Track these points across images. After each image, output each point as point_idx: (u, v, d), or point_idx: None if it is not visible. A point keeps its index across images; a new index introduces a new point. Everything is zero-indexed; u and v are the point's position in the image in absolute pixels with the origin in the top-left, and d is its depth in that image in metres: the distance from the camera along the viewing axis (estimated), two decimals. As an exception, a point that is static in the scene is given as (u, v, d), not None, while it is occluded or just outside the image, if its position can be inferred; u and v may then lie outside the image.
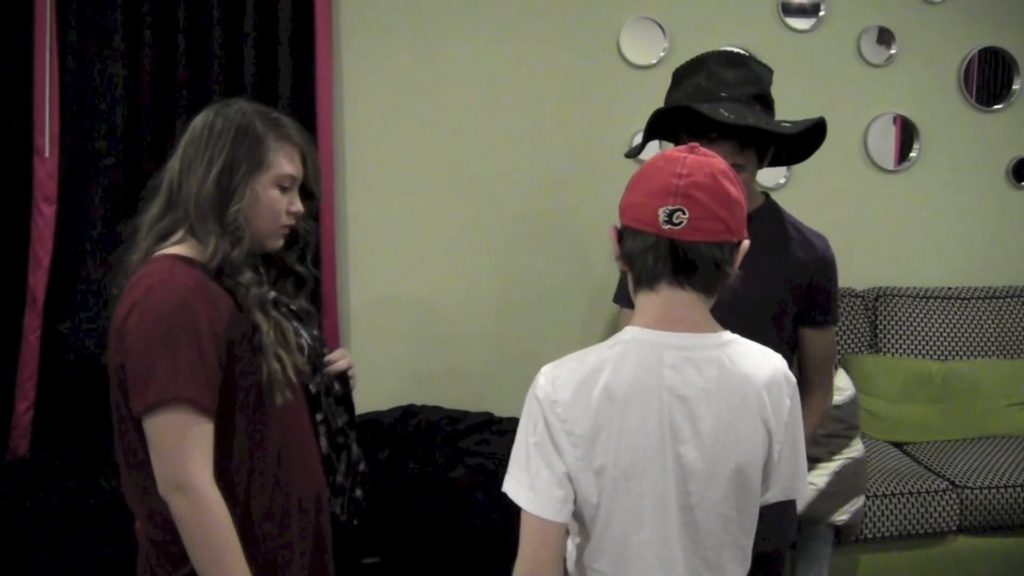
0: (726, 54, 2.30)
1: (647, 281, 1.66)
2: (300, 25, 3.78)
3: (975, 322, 4.39)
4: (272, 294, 2.08)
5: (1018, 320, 4.41)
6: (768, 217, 2.33)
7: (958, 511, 3.64)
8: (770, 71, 2.32)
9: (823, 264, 2.34)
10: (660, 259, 1.62)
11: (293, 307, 2.17)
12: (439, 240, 4.18)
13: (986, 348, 4.35)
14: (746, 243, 1.66)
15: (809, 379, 2.42)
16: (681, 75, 2.30)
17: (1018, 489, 3.67)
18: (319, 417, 2.21)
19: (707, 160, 1.62)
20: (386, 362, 4.14)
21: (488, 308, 4.26)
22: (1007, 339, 4.38)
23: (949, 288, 4.47)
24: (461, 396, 4.13)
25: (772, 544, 2.13)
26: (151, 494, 1.85)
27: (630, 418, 1.61)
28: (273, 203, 1.99)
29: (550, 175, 4.24)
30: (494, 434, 3.81)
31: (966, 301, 4.43)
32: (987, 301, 4.44)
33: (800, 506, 3.33)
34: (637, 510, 1.63)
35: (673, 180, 1.59)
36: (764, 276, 2.20)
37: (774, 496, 1.75)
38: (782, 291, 2.29)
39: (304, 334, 2.16)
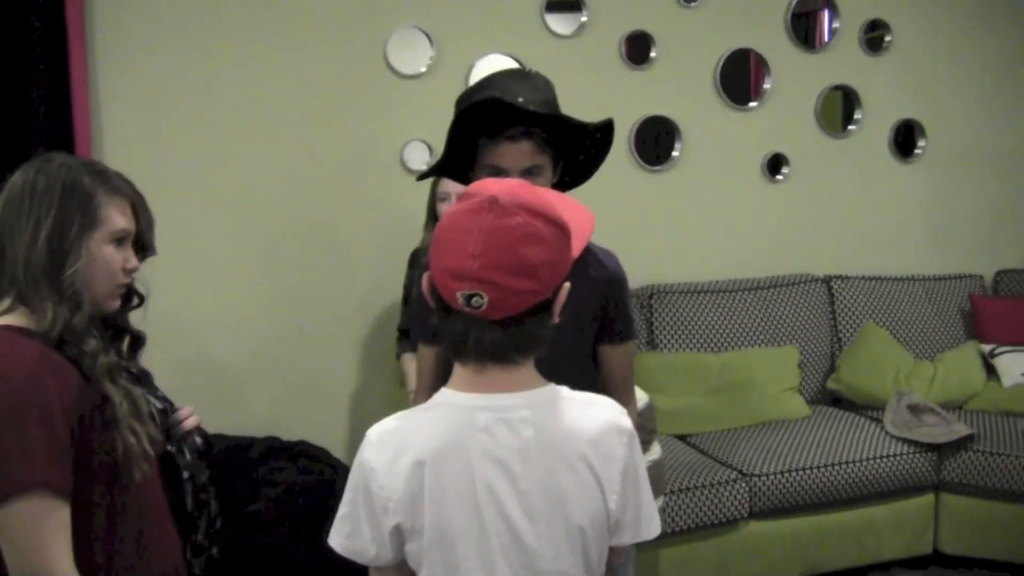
0: (510, 70, 2.29)
1: (453, 354, 1.60)
2: (51, 42, 3.56)
3: (743, 313, 4.58)
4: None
5: (782, 309, 4.63)
6: None
7: (748, 498, 3.78)
8: (552, 84, 2.30)
9: (615, 282, 2.33)
10: (463, 339, 1.55)
11: (133, 370, 2.00)
12: (209, 260, 4.01)
13: (755, 338, 4.55)
14: (567, 285, 1.59)
15: (611, 397, 2.39)
16: (468, 95, 2.24)
17: (800, 472, 3.85)
18: (185, 475, 2.06)
19: (503, 226, 1.48)
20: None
21: (263, 326, 4.15)
22: (773, 328, 4.59)
23: (717, 282, 4.64)
24: (244, 422, 3.97)
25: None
26: None
27: (443, 483, 1.56)
28: (109, 262, 1.83)
29: (321, 188, 4.15)
30: (288, 460, 3.69)
31: (733, 293, 4.61)
32: (753, 292, 4.63)
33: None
34: (460, 571, 1.58)
35: (467, 263, 1.48)
36: (568, 303, 2.20)
37: (623, 541, 1.70)
38: (583, 314, 2.28)
39: (152, 399, 2.00)
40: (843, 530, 3.98)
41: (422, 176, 2.52)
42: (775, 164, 4.83)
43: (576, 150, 2.26)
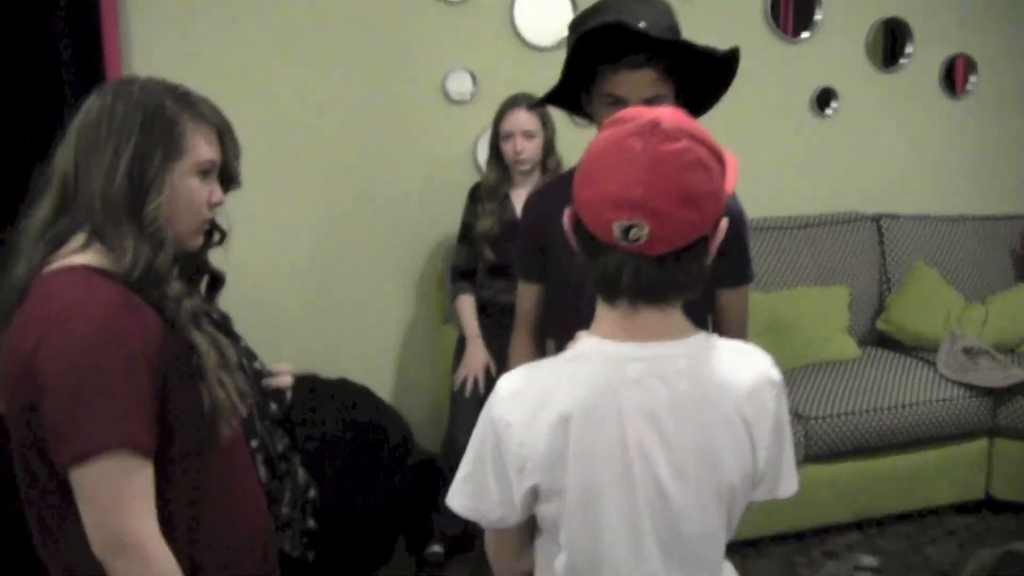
0: None
1: (603, 295, 1.46)
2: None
3: (791, 252, 4.45)
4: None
5: (829, 247, 4.52)
6: None
7: (804, 441, 3.69)
8: (673, 7, 2.14)
9: (737, 221, 2.19)
10: (615, 277, 1.40)
11: (214, 315, 1.83)
12: (248, 198, 3.86)
13: (803, 277, 4.43)
14: (725, 221, 1.47)
15: None
16: (583, 19, 2.08)
17: (855, 415, 3.76)
18: (254, 444, 1.92)
19: (668, 151, 1.35)
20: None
21: (303, 263, 4.07)
22: (821, 267, 4.47)
23: (765, 219, 4.49)
24: (283, 358, 3.86)
25: None
26: (76, 557, 1.55)
27: (591, 441, 1.42)
28: (194, 195, 1.66)
29: (361, 119, 4.03)
30: (328, 399, 3.57)
31: (781, 231, 4.48)
32: (801, 230, 4.51)
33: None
34: (603, 532, 1.46)
35: (631, 189, 1.34)
36: None
37: (756, 498, 1.57)
38: None
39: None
40: (896, 475, 3.90)
41: (537, 103, 2.43)
42: (824, 99, 4.68)
43: (699, 79, 2.09)
